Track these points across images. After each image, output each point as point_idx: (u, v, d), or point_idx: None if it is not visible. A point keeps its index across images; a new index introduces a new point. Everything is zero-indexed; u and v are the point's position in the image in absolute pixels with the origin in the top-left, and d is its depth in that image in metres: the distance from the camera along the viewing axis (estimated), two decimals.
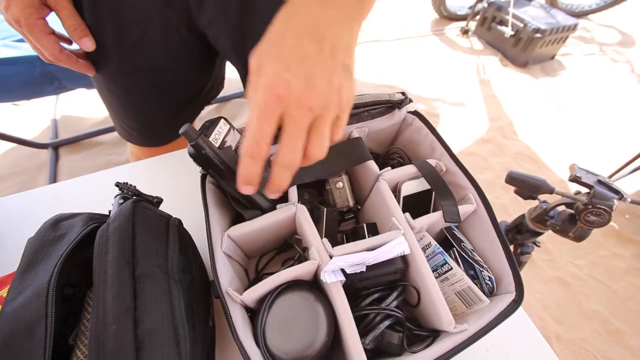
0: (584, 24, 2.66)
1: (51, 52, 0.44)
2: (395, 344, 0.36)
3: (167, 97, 0.61)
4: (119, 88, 0.57)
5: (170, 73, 0.56)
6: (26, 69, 0.92)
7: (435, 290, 0.36)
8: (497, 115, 1.94)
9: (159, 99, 0.60)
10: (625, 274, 1.35)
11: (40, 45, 0.43)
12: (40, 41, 0.43)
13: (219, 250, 0.37)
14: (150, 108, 0.62)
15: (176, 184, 0.58)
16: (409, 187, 0.44)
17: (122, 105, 0.62)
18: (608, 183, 0.64)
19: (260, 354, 0.33)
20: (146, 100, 0.60)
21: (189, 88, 0.62)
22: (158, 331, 0.29)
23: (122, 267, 0.30)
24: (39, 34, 0.42)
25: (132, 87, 0.57)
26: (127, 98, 0.59)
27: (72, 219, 0.36)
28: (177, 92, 0.61)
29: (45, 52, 0.44)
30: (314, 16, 0.28)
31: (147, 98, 0.60)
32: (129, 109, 0.62)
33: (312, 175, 0.42)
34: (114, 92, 0.59)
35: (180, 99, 0.63)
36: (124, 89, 0.57)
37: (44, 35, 0.43)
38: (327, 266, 0.35)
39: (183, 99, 0.63)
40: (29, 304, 0.28)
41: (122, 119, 0.65)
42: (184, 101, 0.64)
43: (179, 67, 0.56)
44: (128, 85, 0.56)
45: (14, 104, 1.72)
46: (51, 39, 0.43)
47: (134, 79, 0.55)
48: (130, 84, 0.56)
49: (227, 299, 0.34)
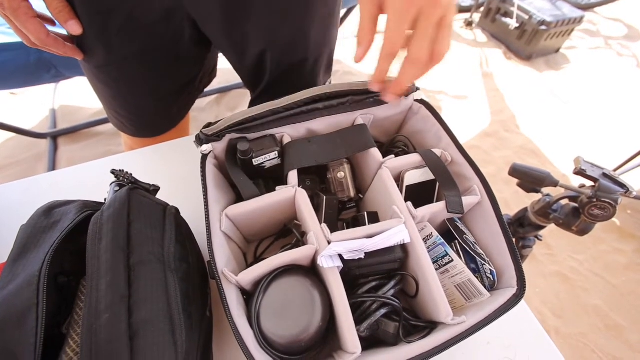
0: (590, 17, 2.62)
1: (37, 36, 0.43)
2: (391, 333, 0.36)
3: (158, 86, 0.59)
4: (108, 77, 0.56)
5: (160, 61, 0.55)
6: (21, 55, 0.90)
7: (434, 281, 0.36)
8: (500, 108, 1.92)
9: (149, 88, 0.59)
10: (625, 269, 1.34)
11: (25, 29, 0.42)
12: (25, 25, 0.41)
13: (216, 230, 0.36)
14: (141, 97, 0.61)
15: (174, 174, 0.57)
16: (412, 177, 0.43)
17: (112, 95, 0.61)
18: (613, 176, 0.63)
19: (253, 336, 0.32)
20: (137, 90, 0.59)
21: (180, 76, 0.61)
22: (153, 320, 0.28)
23: (116, 254, 0.29)
24: (24, 17, 0.41)
25: (122, 75, 0.55)
26: (117, 87, 0.58)
27: (66, 206, 0.35)
28: (167, 81, 0.60)
29: (31, 35, 0.43)
30: None
31: (137, 87, 0.58)
32: (120, 98, 0.61)
33: (312, 159, 0.41)
34: (103, 80, 0.57)
35: (172, 88, 0.61)
36: (113, 78, 0.56)
37: (28, 18, 0.41)
38: (325, 251, 0.34)
39: (174, 88, 0.62)
40: (21, 292, 0.27)
41: (114, 108, 0.64)
42: (175, 91, 0.63)
43: (169, 55, 0.55)
44: (117, 73, 0.55)
45: (11, 93, 1.70)
46: (36, 22, 0.42)
47: (122, 67, 0.54)
48: (119, 72, 0.55)
49: (222, 280, 0.33)
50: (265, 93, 0.64)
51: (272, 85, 0.61)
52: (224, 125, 0.40)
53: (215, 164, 0.42)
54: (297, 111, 0.41)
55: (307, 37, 0.55)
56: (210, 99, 1.77)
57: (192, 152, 0.43)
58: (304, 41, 0.56)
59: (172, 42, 0.53)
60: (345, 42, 2.18)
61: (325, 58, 0.63)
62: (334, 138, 0.43)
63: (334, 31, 0.62)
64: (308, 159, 0.41)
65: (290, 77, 0.60)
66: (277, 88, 0.62)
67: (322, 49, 0.60)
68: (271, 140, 0.42)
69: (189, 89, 0.65)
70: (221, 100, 1.77)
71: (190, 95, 0.68)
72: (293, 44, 0.55)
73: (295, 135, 0.44)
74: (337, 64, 2.03)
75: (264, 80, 0.61)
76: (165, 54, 0.54)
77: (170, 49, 0.54)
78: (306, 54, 0.58)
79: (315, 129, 0.44)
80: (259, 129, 0.42)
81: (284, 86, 0.60)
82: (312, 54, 0.59)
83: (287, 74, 0.60)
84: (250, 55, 0.56)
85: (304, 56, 0.58)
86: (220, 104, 1.76)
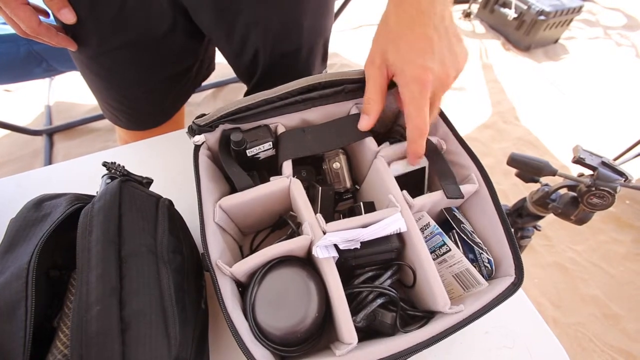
0: (589, 7, 2.60)
1: (28, 24, 0.42)
2: (388, 323, 0.36)
3: (150, 76, 0.59)
4: (101, 67, 0.55)
5: (152, 51, 0.54)
6: (9, 48, 0.88)
7: (431, 270, 0.35)
8: (498, 100, 1.91)
9: (141, 78, 0.58)
10: (624, 259, 1.35)
11: (16, 16, 0.41)
12: (16, 12, 0.40)
13: (210, 221, 0.36)
14: (133, 89, 0.60)
15: (169, 167, 0.56)
16: (398, 168, 0.42)
17: (105, 86, 0.60)
18: (612, 165, 0.62)
19: (248, 328, 0.32)
20: (129, 80, 0.58)
21: (172, 67, 0.60)
22: (145, 312, 0.27)
23: (107, 246, 0.29)
24: (14, 4, 0.40)
25: (114, 65, 0.55)
26: (109, 78, 0.57)
27: (56, 199, 0.35)
28: (160, 72, 0.59)
29: (22, 24, 0.42)
30: (420, 5, 0.34)
31: (129, 78, 0.58)
32: (112, 89, 0.60)
33: (307, 149, 0.41)
34: (95, 72, 0.56)
35: (164, 79, 0.60)
36: (106, 68, 0.55)
37: (19, 5, 0.40)
38: (320, 241, 0.34)
39: (167, 80, 0.61)
40: (9, 285, 0.27)
41: (107, 100, 0.63)
42: (168, 82, 0.62)
43: (161, 45, 0.54)
44: (109, 63, 0.54)
45: (6, 90, 1.68)
46: (27, 10, 0.41)
47: (115, 56, 0.53)
48: (112, 62, 0.54)
49: (216, 271, 0.33)
50: (260, 85, 0.63)
51: (267, 76, 0.60)
52: (216, 115, 0.39)
53: (208, 155, 0.41)
54: (291, 100, 0.40)
55: (300, 26, 0.54)
56: (207, 93, 1.75)
57: (187, 145, 0.42)
58: (297, 30, 0.55)
59: (165, 33, 0.52)
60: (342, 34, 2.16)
61: (320, 48, 0.62)
62: (328, 128, 0.42)
63: (329, 20, 0.61)
64: (303, 149, 0.40)
65: (285, 67, 0.59)
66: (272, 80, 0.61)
67: (316, 38, 0.59)
68: (265, 130, 0.41)
69: (183, 81, 0.64)
70: (217, 94, 1.75)
71: (185, 88, 0.66)
72: (286, 32, 0.54)
73: (289, 125, 0.43)
74: (334, 56, 2.01)
75: (257, 72, 0.60)
76: (158, 44, 0.53)
77: (163, 40, 0.53)
78: (300, 43, 0.57)
79: (310, 119, 0.43)
80: (253, 119, 0.41)
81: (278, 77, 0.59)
82: (306, 43, 0.58)
83: (281, 64, 0.59)
84: (242, 46, 0.55)
85: (298, 45, 0.57)
86: (216, 99, 1.74)
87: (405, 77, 0.35)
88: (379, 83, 0.37)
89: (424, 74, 0.34)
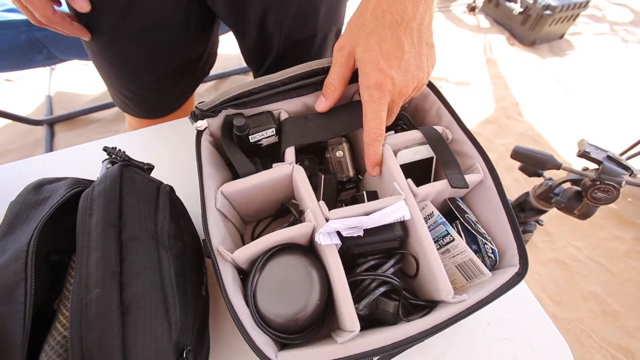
0: (596, 2, 2.57)
1: (42, 13, 0.41)
2: (390, 312, 0.35)
3: (163, 65, 0.58)
4: (113, 55, 0.55)
5: (166, 37, 0.53)
6: (9, 34, 0.87)
7: (434, 259, 0.35)
8: (502, 95, 1.90)
9: (154, 66, 0.58)
10: (624, 256, 1.34)
11: (31, 5, 0.40)
12: (31, 0, 0.40)
13: (211, 207, 0.35)
14: (145, 77, 0.59)
15: (172, 154, 0.56)
16: (405, 156, 0.42)
17: (116, 75, 0.59)
18: (617, 159, 0.62)
19: (249, 315, 0.32)
20: (141, 69, 0.57)
21: (184, 55, 0.59)
22: (145, 296, 0.27)
23: (107, 230, 0.29)
24: None
25: (127, 53, 0.54)
26: (121, 66, 0.57)
27: (56, 183, 0.34)
28: (172, 60, 0.58)
29: (36, 12, 0.41)
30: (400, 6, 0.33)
31: (142, 66, 0.57)
32: (123, 77, 0.60)
33: (310, 136, 0.40)
34: (107, 59, 0.56)
35: (176, 67, 0.60)
36: (118, 56, 0.55)
37: None
38: (323, 228, 0.33)
39: (179, 68, 0.61)
40: (8, 267, 0.26)
41: (118, 89, 0.63)
42: (179, 71, 0.61)
43: (175, 31, 0.53)
44: (122, 51, 0.54)
45: (6, 80, 1.67)
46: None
47: (127, 44, 0.52)
48: (125, 50, 0.53)
49: (217, 257, 0.33)
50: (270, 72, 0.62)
51: (278, 63, 0.60)
52: (219, 100, 0.38)
53: (210, 141, 0.40)
54: (294, 85, 0.40)
55: (317, 11, 0.54)
56: (209, 85, 1.74)
57: (191, 132, 0.42)
58: (313, 16, 0.54)
59: (179, 20, 0.51)
60: None
61: (333, 37, 0.62)
62: (332, 114, 0.41)
63: (343, 9, 0.60)
64: (305, 136, 0.40)
65: (297, 55, 0.59)
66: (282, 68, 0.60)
67: (331, 26, 0.59)
68: (268, 116, 0.41)
69: (193, 70, 0.64)
70: (220, 86, 1.74)
71: (194, 77, 0.66)
72: (303, 18, 0.54)
73: (292, 111, 0.42)
74: None
75: (270, 57, 0.59)
76: (171, 32, 0.53)
77: (177, 27, 0.52)
78: (315, 30, 0.56)
79: (313, 105, 0.43)
80: (256, 104, 0.40)
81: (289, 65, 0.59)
82: (321, 30, 0.57)
83: (294, 51, 0.58)
84: (257, 30, 0.55)
85: (313, 32, 0.56)
86: (219, 90, 1.73)
87: (368, 80, 0.35)
88: (343, 72, 0.38)
89: (385, 80, 0.34)
